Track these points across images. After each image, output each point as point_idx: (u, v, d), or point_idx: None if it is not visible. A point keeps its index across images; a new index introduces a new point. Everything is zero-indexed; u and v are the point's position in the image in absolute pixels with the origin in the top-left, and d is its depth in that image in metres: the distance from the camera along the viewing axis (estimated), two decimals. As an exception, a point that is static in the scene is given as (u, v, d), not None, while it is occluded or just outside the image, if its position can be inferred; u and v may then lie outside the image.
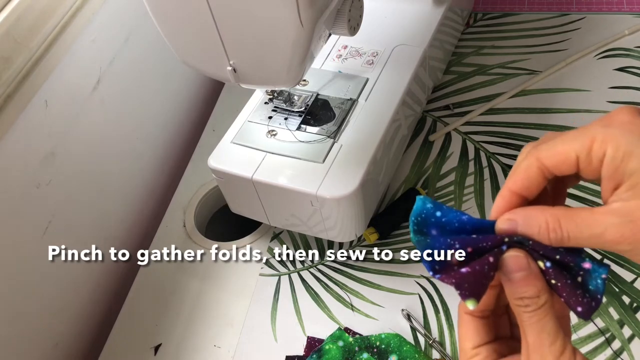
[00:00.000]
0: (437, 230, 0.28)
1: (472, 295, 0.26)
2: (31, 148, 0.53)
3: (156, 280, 0.63)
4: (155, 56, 0.71)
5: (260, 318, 0.58)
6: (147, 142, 0.73)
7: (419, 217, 0.29)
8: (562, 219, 0.26)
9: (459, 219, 0.28)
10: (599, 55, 0.72)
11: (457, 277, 0.26)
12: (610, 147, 0.25)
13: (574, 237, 0.26)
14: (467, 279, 0.26)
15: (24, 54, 0.50)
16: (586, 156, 0.26)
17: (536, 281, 0.27)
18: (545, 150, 0.27)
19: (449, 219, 0.28)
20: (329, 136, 0.56)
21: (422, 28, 0.66)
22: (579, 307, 0.26)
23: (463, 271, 0.26)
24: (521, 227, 0.27)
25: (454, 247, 0.27)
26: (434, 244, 0.28)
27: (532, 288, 0.27)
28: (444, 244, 0.27)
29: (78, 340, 0.62)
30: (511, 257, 0.27)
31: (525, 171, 0.27)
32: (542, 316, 0.26)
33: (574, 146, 0.26)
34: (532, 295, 0.26)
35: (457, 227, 0.28)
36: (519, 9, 0.82)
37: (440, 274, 0.27)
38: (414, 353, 0.52)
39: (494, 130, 0.68)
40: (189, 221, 0.67)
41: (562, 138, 0.27)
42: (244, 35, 0.41)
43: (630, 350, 0.49)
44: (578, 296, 0.26)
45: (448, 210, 0.29)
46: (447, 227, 0.28)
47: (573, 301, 0.26)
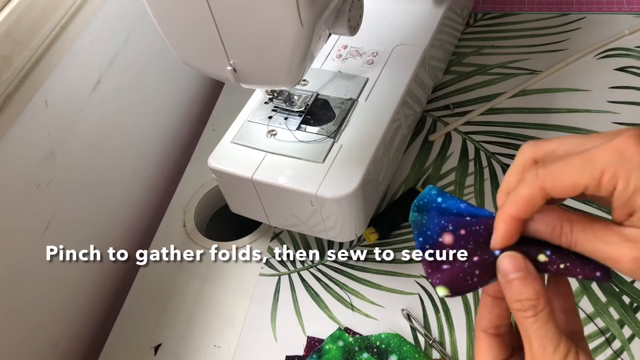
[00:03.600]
0: (436, 213, 0.29)
1: (444, 283, 0.27)
2: (31, 148, 0.53)
3: (156, 280, 0.63)
4: (155, 56, 0.71)
5: (260, 318, 0.58)
6: (147, 142, 0.73)
7: (422, 200, 0.30)
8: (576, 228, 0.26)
9: (457, 206, 0.29)
10: (599, 55, 0.72)
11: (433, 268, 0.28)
12: (620, 182, 0.25)
13: (580, 247, 0.26)
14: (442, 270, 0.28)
15: (24, 54, 0.50)
16: (596, 187, 0.25)
17: (534, 282, 0.27)
18: (550, 179, 0.26)
19: (448, 205, 0.29)
20: (329, 136, 0.55)
21: (422, 28, 0.66)
22: (597, 272, 0.27)
23: (443, 267, 0.28)
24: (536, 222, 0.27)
25: (447, 228, 0.28)
26: (429, 223, 0.29)
27: (530, 289, 0.26)
28: (437, 224, 0.28)
29: (78, 340, 0.62)
30: (508, 258, 0.27)
31: (530, 202, 0.27)
32: (543, 322, 0.26)
33: (583, 178, 0.25)
34: (530, 296, 0.26)
35: (455, 212, 0.29)
36: (519, 9, 0.82)
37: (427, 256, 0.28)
38: (414, 353, 0.52)
39: (494, 130, 0.68)
40: (189, 221, 0.67)
41: (567, 166, 0.26)
42: (244, 35, 0.41)
43: (630, 350, 0.49)
44: (591, 265, 0.27)
45: (450, 198, 0.29)
46: (446, 213, 0.29)
47: (589, 271, 0.27)
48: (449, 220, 0.28)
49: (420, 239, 0.29)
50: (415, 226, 0.29)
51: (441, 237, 0.28)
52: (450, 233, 0.28)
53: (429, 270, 0.28)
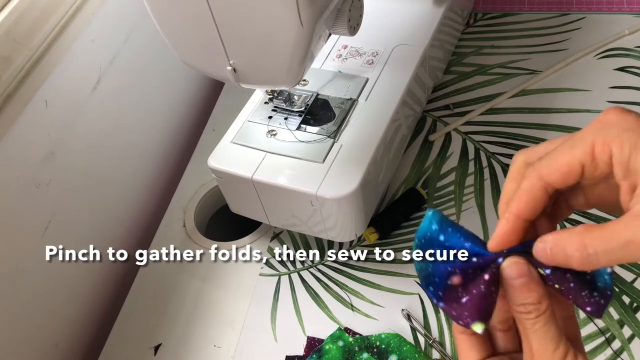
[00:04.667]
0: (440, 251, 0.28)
1: (475, 319, 0.27)
2: (31, 148, 0.53)
3: (156, 280, 0.63)
4: (155, 56, 0.71)
5: (260, 318, 0.58)
6: (147, 142, 0.73)
7: (424, 238, 0.29)
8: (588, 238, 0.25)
9: (461, 244, 0.28)
10: (599, 55, 0.72)
11: (457, 308, 0.27)
12: (614, 146, 0.24)
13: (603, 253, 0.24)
14: (466, 306, 0.27)
15: (24, 54, 0.50)
16: (591, 162, 0.25)
17: (537, 287, 0.27)
18: (546, 166, 0.26)
19: (452, 244, 0.28)
20: (329, 136, 0.55)
21: (422, 28, 0.66)
22: (587, 307, 0.27)
23: (463, 301, 0.27)
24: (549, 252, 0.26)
25: (454, 272, 0.27)
26: (435, 271, 0.28)
27: (533, 294, 0.27)
28: (444, 272, 0.27)
29: (78, 340, 0.62)
30: (512, 264, 0.27)
31: (529, 193, 0.27)
32: (544, 322, 0.26)
33: (576, 155, 0.25)
34: (533, 301, 0.26)
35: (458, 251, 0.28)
36: (519, 9, 0.82)
37: (444, 302, 0.27)
38: (414, 353, 0.52)
39: (494, 130, 0.68)
40: (189, 221, 0.67)
41: (558, 150, 0.26)
42: (244, 35, 0.41)
43: (630, 350, 0.49)
44: (584, 296, 0.26)
45: (452, 235, 0.28)
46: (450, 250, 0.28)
47: (581, 302, 0.27)
48: (455, 266, 0.27)
49: (430, 288, 0.28)
50: (422, 276, 0.28)
51: (450, 280, 0.27)
52: (458, 275, 0.27)
53: (453, 313, 0.27)
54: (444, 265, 0.28)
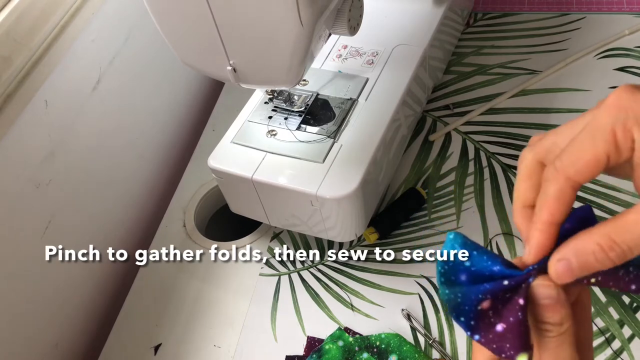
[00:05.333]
0: (467, 277, 0.27)
1: (518, 350, 0.25)
2: (31, 148, 0.53)
3: (156, 280, 0.63)
4: (155, 56, 0.71)
5: (260, 318, 0.58)
6: (147, 142, 0.73)
7: (447, 265, 0.27)
8: (613, 234, 0.24)
9: (489, 269, 0.26)
10: (599, 55, 0.72)
11: (496, 340, 0.25)
12: (636, 130, 0.23)
13: (633, 243, 0.23)
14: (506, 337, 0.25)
15: (24, 54, 0.50)
16: (615, 151, 0.24)
17: (562, 309, 0.26)
18: (571, 165, 0.25)
19: (479, 268, 0.27)
20: (329, 136, 0.55)
21: (422, 28, 0.66)
22: (632, 285, 0.26)
23: (499, 330, 0.25)
24: (576, 265, 0.25)
25: (485, 298, 0.26)
26: (465, 299, 0.26)
27: (557, 315, 0.26)
28: (475, 300, 0.26)
29: (78, 340, 0.62)
30: (539, 287, 0.26)
31: (561, 198, 0.25)
32: (560, 342, 0.26)
33: (600, 147, 0.24)
34: (555, 322, 0.26)
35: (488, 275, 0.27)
36: (519, 9, 0.82)
37: (479, 335, 0.26)
38: (414, 353, 0.52)
39: (494, 130, 0.68)
40: (189, 221, 0.67)
41: (578, 144, 0.25)
42: (244, 35, 0.41)
43: (630, 350, 0.49)
44: (623, 277, 0.26)
45: (478, 259, 0.27)
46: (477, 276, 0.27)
47: (623, 285, 0.26)
48: (486, 291, 0.26)
49: (461, 318, 0.26)
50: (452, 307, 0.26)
51: (480, 306, 0.26)
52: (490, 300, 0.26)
53: (494, 346, 0.26)
54: (474, 292, 0.26)
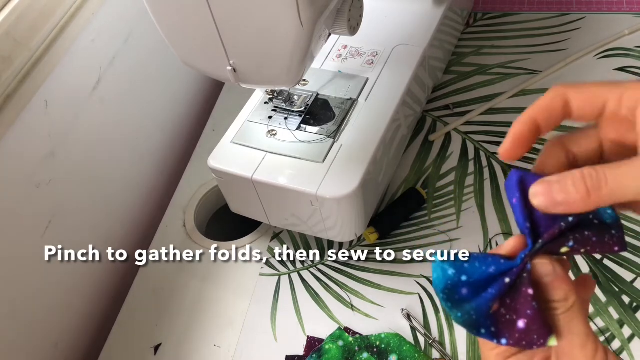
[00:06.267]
0: (468, 291, 0.27)
1: (546, 336, 0.26)
2: (31, 148, 0.53)
3: (156, 280, 0.63)
4: (155, 56, 0.71)
5: (260, 318, 0.58)
6: (147, 142, 0.73)
7: (446, 289, 0.27)
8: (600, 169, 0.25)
9: (487, 274, 0.27)
10: (599, 55, 0.72)
11: (523, 336, 0.26)
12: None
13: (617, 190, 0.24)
14: (531, 330, 0.26)
15: (24, 54, 0.50)
16: (616, 102, 0.26)
17: (563, 284, 0.27)
18: (574, 87, 0.27)
19: (477, 278, 0.27)
20: (329, 136, 0.56)
21: (422, 28, 0.66)
22: (615, 247, 0.27)
23: (521, 326, 0.26)
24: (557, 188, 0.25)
25: (494, 302, 0.27)
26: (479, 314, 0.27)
27: (560, 291, 0.27)
28: (484, 309, 0.27)
29: (78, 340, 0.62)
30: (536, 266, 0.27)
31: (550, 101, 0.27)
32: (571, 318, 0.27)
33: (605, 90, 0.26)
34: (560, 298, 0.27)
35: (487, 278, 0.27)
36: (519, 9, 0.82)
37: (506, 338, 0.27)
38: (413, 353, 0.52)
39: (494, 130, 0.68)
40: (189, 221, 0.67)
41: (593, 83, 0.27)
42: (244, 35, 0.41)
43: (630, 350, 0.49)
44: (608, 241, 0.27)
45: (471, 270, 0.27)
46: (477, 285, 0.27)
47: (607, 248, 0.27)
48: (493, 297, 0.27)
49: (482, 331, 0.27)
50: (469, 325, 0.27)
51: (491, 310, 0.27)
52: (497, 301, 0.27)
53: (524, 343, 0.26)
54: (484, 303, 0.27)
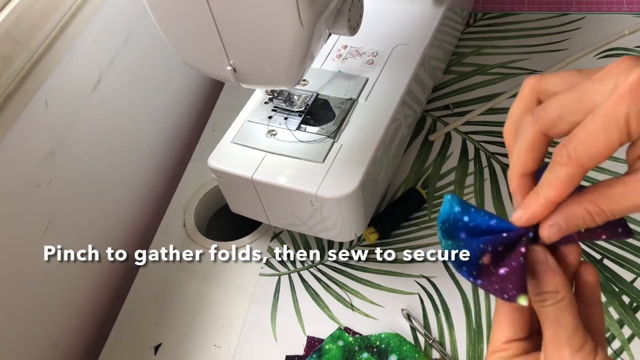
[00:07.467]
0: (466, 234, 0.28)
1: (520, 290, 0.26)
2: (31, 148, 0.53)
3: (156, 280, 0.63)
4: (155, 56, 0.71)
5: (260, 318, 0.58)
6: (147, 142, 0.73)
7: (447, 222, 0.28)
8: (601, 202, 0.25)
9: (486, 223, 0.28)
10: (599, 55, 0.72)
11: (499, 282, 0.26)
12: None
13: (617, 212, 0.25)
14: (509, 279, 0.26)
15: (24, 54, 0.50)
16: (627, 139, 0.24)
17: (555, 276, 0.26)
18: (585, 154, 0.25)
19: (477, 223, 0.28)
20: (328, 136, 0.56)
21: (422, 28, 0.66)
22: (619, 229, 0.27)
23: (502, 272, 0.26)
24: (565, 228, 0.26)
25: (486, 250, 0.27)
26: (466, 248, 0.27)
27: (551, 282, 0.26)
28: (476, 249, 0.27)
29: (78, 340, 0.62)
30: (531, 252, 0.27)
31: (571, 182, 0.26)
32: (559, 310, 0.26)
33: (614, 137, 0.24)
34: (550, 289, 0.26)
35: (485, 229, 0.28)
36: (519, 9, 0.82)
37: (481, 280, 0.26)
38: (413, 353, 0.52)
39: (494, 130, 0.68)
40: (189, 221, 0.67)
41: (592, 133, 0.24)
42: (244, 35, 0.41)
43: (630, 350, 0.49)
44: (613, 227, 0.27)
45: (476, 215, 0.28)
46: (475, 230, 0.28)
47: (612, 233, 0.27)
48: (486, 241, 0.27)
49: (464, 268, 0.27)
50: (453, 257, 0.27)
51: (481, 260, 0.27)
52: (489, 253, 0.27)
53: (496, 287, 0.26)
54: (475, 243, 0.27)
